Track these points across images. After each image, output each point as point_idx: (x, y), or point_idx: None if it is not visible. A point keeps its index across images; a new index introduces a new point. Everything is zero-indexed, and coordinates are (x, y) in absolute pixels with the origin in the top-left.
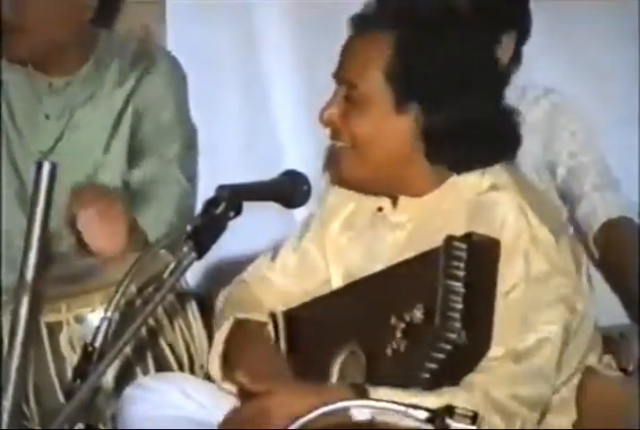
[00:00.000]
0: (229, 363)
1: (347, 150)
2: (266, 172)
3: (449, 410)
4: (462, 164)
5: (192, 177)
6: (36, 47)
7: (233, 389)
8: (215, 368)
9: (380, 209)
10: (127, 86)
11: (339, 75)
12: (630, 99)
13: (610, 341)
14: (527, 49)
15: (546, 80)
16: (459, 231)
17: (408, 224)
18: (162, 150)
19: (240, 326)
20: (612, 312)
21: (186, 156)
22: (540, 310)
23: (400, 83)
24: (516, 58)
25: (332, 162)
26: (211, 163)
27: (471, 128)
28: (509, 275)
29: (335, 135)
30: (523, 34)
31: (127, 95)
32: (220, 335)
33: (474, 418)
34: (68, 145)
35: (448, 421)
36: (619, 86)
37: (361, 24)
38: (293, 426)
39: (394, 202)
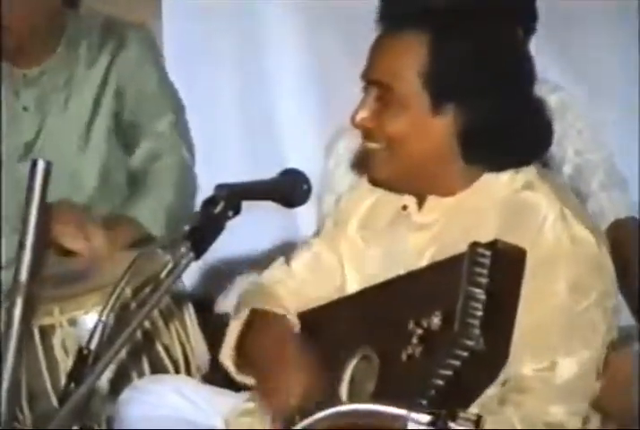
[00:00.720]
0: (243, 354)
1: (380, 150)
2: (266, 172)
3: (452, 414)
4: (498, 163)
5: (190, 144)
6: (12, 41)
7: (247, 381)
8: (227, 360)
9: (405, 207)
10: (101, 66)
11: (369, 76)
12: (630, 99)
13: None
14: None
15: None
16: (491, 230)
17: (433, 225)
18: (156, 125)
19: (256, 317)
20: None
21: (180, 123)
22: (585, 314)
23: (436, 86)
24: None
25: (366, 162)
26: (211, 163)
27: (506, 127)
28: (553, 279)
29: (368, 137)
30: (528, 31)
31: (103, 75)
32: (235, 326)
33: (477, 422)
34: (50, 135)
35: (450, 424)
36: (619, 86)
37: (393, 24)
38: (298, 426)
39: (420, 202)
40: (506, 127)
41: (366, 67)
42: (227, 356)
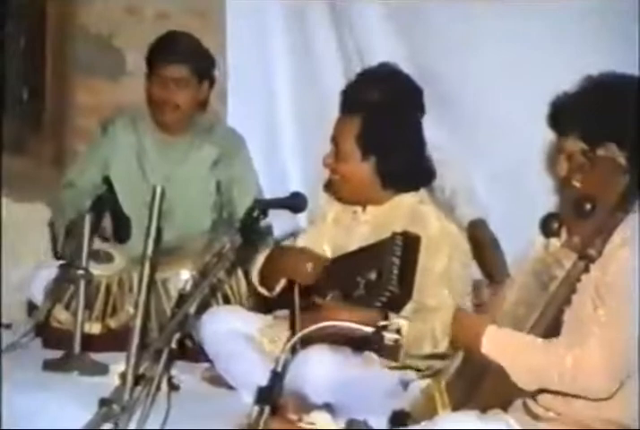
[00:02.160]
0: (264, 275)
1: (337, 180)
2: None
3: (384, 327)
4: (400, 189)
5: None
6: (175, 117)
7: (265, 292)
8: (255, 279)
9: (355, 212)
10: (211, 158)
11: (332, 139)
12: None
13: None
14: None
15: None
16: (400, 225)
17: (370, 222)
18: (248, 203)
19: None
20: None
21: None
22: (457, 278)
23: (364, 146)
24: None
25: (331, 187)
26: None
27: (405, 171)
28: (437, 256)
29: (332, 172)
30: (422, 113)
31: (212, 163)
32: (260, 257)
33: (399, 331)
34: (175, 178)
35: (384, 333)
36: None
37: (343, 109)
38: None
39: (364, 208)
40: (404, 171)
41: (331, 134)
42: (255, 277)
